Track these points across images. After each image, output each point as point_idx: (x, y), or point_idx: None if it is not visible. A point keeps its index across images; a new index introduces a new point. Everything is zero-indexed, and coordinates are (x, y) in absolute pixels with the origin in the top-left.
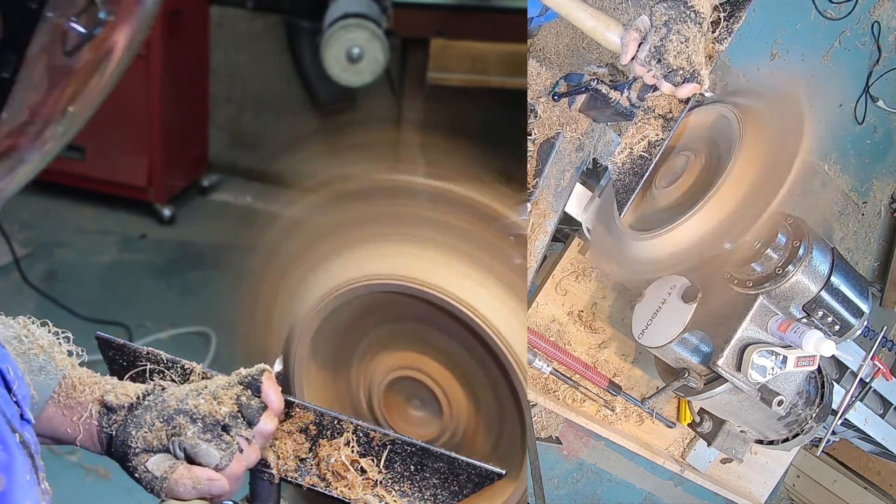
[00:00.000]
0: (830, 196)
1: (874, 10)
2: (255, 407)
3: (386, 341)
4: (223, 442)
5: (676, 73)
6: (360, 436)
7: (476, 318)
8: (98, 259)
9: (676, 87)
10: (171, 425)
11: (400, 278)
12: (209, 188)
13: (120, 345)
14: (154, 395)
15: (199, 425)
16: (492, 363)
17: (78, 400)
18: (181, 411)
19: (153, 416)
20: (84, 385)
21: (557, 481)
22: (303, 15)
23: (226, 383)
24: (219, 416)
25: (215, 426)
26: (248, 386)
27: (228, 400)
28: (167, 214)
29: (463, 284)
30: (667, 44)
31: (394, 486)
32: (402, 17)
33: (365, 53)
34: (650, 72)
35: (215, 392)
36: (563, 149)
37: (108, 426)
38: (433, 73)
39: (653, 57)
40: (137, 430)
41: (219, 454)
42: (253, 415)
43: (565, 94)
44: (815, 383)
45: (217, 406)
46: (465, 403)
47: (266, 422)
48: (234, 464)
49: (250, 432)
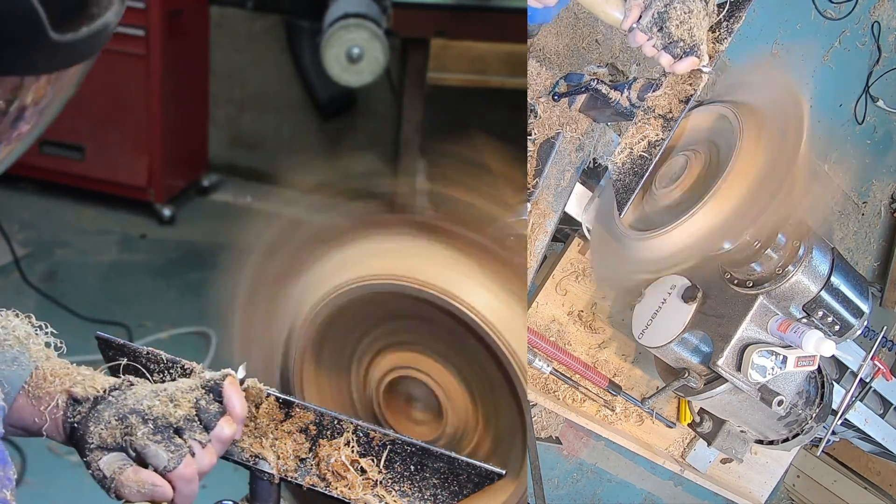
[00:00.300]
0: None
1: (874, 10)
2: (214, 412)
3: (386, 341)
4: (173, 444)
5: (677, 44)
6: (360, 436)
7: (476, 318)
8: (98, 259)
9: (676, 59)
10: (125, 424)
11: (400, 278)
12: (209, 188)
13: (120, 345)
14: (119, 391)
15: (149, 426)
16: (492, 363)
17: (47, 390)
18: (135, 411)
19: (110, 414)
20: (55, 376)
21: (557, 481)
22: (303, 15)
23: (187, 386)
24: (172, 419)
25: (167, 428)
26: (210, 390)
27: (186, 403)
28: (167, 214)
29: (463, 284)
30: (670, 11)
31: (394, 486)
32: (402, 17)
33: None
34: (651, 40)
35: (173, 394)
36: (563, 149)
37: (73, 417)
38: (433, 73)
39: (655, 24)
40: (95, 427)
41: (167, 456)
42: (210, 419)
43: (565, 94)
44: (815, 383)
45: (172, 408)
46: (465, 403)
47: (223, 427)
48: (184, 467)
49: (205, 436)
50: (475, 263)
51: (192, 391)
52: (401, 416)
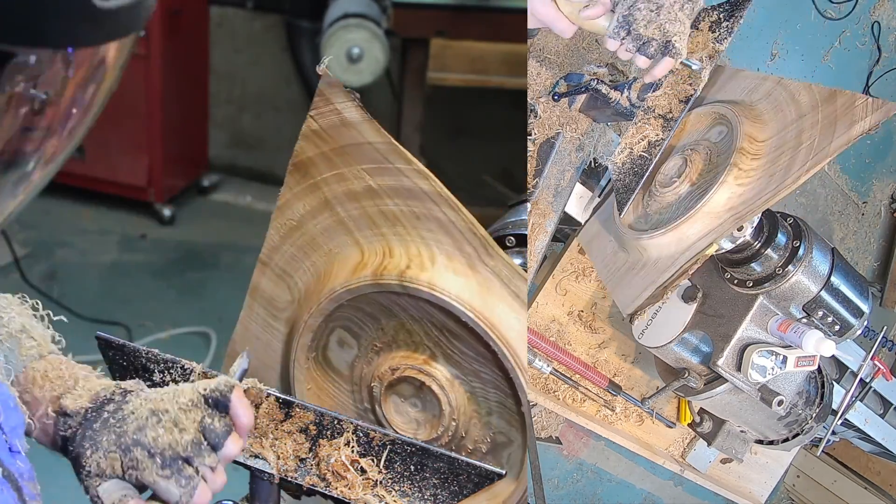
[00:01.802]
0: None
1: (874, 10)
2: (220, 431)
3: (386, 341)
4: (183, 477)
5: (649, 44)
6: (360, 436)
7: (476, 317)
8: (98, 259)
9: (652, 60)
10: (128, 457)
11: (394, 277)
12: (209, 188)
13: (120, 345)
14: (114, 405)
15: (157, 461)
16: (492, 363)
17: (35, 396)
18: (139, 443)
19: (110, 441)
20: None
21: (557, 481)
22: (303, 15)
23: (188, 401)
24: (179, 448)
25: (175, 460)
26: (215, 405)
27: (191, 425)
28: (167, 214)
29: (457, 281)
30: (635, 13)
31: (394, 486)
32: (402, 17)
33: (365, 53)
34: (622, 45)
35: (177, 418)
36: (563, 149)
37: (63, 430)
38: (433, 73)
39: (622, 27)
40: (93, 453)
41: (179, 491)
42: (217, 439)
43: (565, 94)
44: (815, 383)
45: (178, 435)
46: (465, 403)
47: (231, 445)
48: (198, 497)
49: (214, 459)
50: (475, 263)
51: (194, 408)
52: (401, 416)
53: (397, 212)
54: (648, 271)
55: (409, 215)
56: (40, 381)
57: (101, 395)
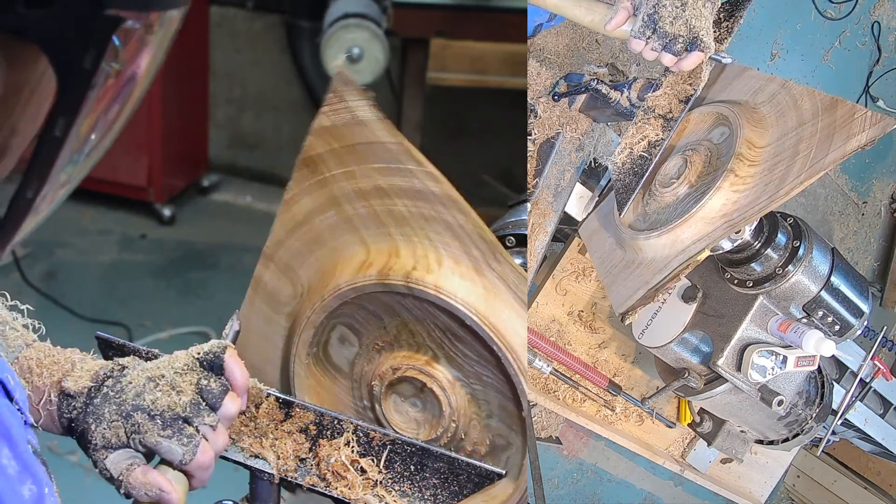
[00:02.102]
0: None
1: (874, 10)
2: (217, 390)
3: (388, 340)
4: (185, 436)
5: (676, 41)
6: (360, 436)
7: (476, 317)
8: (98, 259)
9: (679, 56)
10: (130, 423)
11: (400, 278)
12: (209, 188)
13: (120, 345)
14: (113, 380)
15: (157, 422)
16: (494, 366)
17: (36, 384)
18: (139, 408)
19: (111, 411)
20: (42, 367)
21: (557, 481)
22: (303, 15)
23: (183, 366)
24: (179, 409)
25: (175, 420)
26: (210, 366)
27: (188, 387)
28: (167, 214)
29: (462, 284)
30: (661, 10)
31: (394, 486)
32: (402, 17)
33: (365, 53)
34: (647, 44)
35: (173, 381)
36: (563, 149)
37: (68, 412)
38: (433, 73)
39: (647, 27)
40: (97, 426)
41: (181, 450)
42: (214, 399)
43: (565, 94)
44: (815, 383)
45: (176, 397)
46: (465, 403)
47: (229, 404)
48: (200, 455)
49: (214, 418)
50: (475, 263)
51: (190, 371)
52: (401, 416)
53: (405, 212)
54: (643, 271)
55: (418, 216)
56: (37, 368)
57: (101, 373)
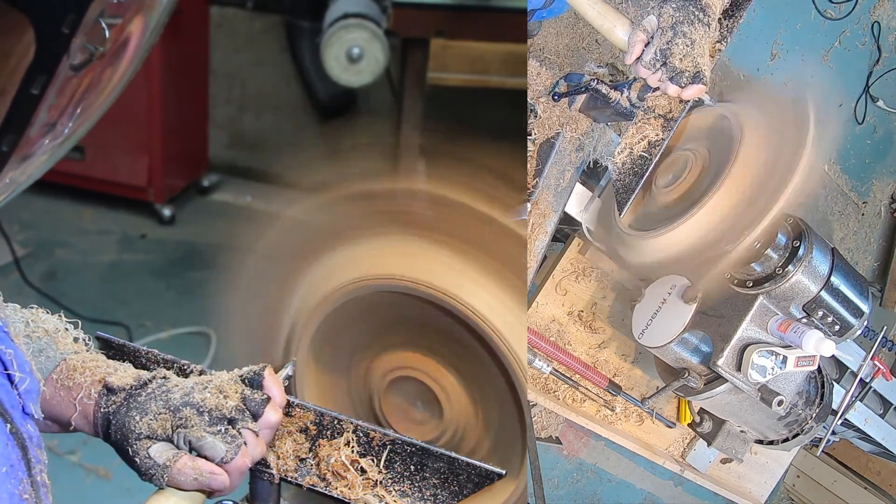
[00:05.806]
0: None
1: (874, 10)
2: (259, 400)
3: (386, 341)
4: (229, 436)
5: (682, 75)
6: (360, 436)
7: (476, 317)
8: (98, 259)
9: (682, 88)
10: (178, 416)
11: (400, 278)
12: (209, 188)
13: (120, 345)
14: (157, 384)
15: (205, 418)
16: (492, 363)
17: (77, 381)
18: (188, 403)
19: (159, 405)
20: (85, 368)
21: (557, 481)
22: (303, 15)
23: (229, 378)
24: (225, 410)
25: (222, 420)
26: (251, 382)
27: (234, 394)
28: (167, 214)
29: (463, 284)
30: (673, 47)
31: (394, 486)
32: (402, 17)
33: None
34: (654, 74)
35: (221, 386)
36: (563, 149)
37: (107, 407)
38: (433, 73)
39: (658, 60)
40: (142, 417)
41: (224, 447)
42: (257, 407)
43: (565, 94)
44: (815, 383)
45: (223, 400)
46: (465, 403)
47: (270, 413)
48: (239, 458)
49: (256, 425)
50: (475, 263)
51: (235, 383)
52: (401, 416)
53: (409, 214)
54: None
55: (418, 217)
56: (81, 368)
57: (144, 377)
